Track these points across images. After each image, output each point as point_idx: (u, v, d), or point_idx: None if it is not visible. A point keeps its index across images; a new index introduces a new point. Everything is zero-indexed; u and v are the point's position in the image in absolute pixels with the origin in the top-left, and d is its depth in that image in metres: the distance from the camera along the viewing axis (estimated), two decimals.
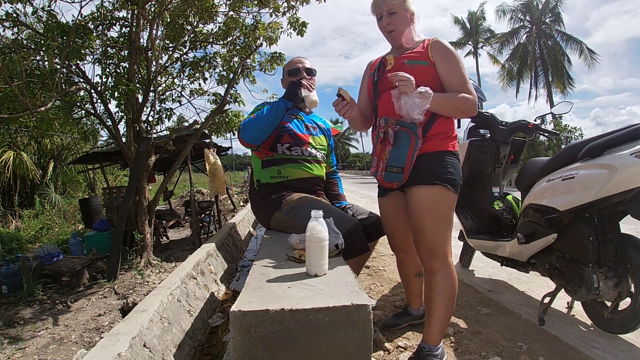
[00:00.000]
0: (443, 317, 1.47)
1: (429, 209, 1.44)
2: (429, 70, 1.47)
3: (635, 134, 1.48)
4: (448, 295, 1.46)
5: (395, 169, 1.43)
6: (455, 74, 1.46)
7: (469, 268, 2.97)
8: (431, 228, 1.45)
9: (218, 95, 4.76)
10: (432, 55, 1.47)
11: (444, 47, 1.48)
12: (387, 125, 1.45)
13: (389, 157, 1.44)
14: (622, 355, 1.62)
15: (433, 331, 1.48)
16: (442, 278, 1.46)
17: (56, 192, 8.67)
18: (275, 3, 3.95)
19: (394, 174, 1.45)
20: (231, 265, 3.33)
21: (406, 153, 1.41)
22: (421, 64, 1.47)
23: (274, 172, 1.98)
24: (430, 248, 1.46)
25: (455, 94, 1.43)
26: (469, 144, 2.49)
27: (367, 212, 2.02)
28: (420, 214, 1.46)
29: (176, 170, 5.13)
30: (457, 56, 1.48)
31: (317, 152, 2.08)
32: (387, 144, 1.44)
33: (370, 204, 2.42)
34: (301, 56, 2.15)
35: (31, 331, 2.39)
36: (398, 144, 1.41)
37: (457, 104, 1.43)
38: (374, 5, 1.54)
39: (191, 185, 5.95)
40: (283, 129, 2.00)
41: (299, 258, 1.32)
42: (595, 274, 1.63)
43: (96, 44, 3.50)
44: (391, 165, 1.44)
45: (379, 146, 1.48)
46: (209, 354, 1.86)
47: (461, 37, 26.55)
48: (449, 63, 1.46)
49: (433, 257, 1.47)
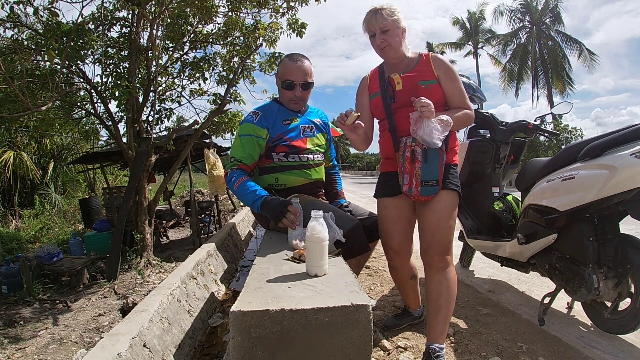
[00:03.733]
0: (449, 314, 1.54)
1: (447, 210, 1.58)
2: (438, 88, 1.60)
3: (635, 135, 1.48)
4: (454, 291, 1.56)
5: (431, 182, 1.53)
6: (456, 90, 1.61)
7: (469, 268, 2.97)
8: (446, 227, 1.57)
9: (218, 95, 4.77)
10: (437, 72, 1.60)
11: (445, 64, 1.62)
12: (414, 144, 1.52)
13: (422, 173, 1.52)
14: (622, 355, 1.62)
15: (440, 330, 1.51)
16: (451, 274, 1.57)
17: (56, 192, 8.68)
18: (274, 4, 3.95)
19: (430, 187, 1.54)
20: (231, 265, 3.33)
21: (437, 167, 1.52)
22: (432, 83, 1.59)
23: (271, 179, 1.90)
24: (443, 247, 1.57)
25: (459, 111, 1.58)
26: (469, 144, 2.49)
27: (367, 212, 2.01)
28: (440, 215, 1.57)
29: (176, 170, 5.13)
30: (455, 72, 1.63)
31: (316, 154, 1.98)
32: (417, 161, 1.52)
33: (370, 204, 2.41)
34: (301, 58, 1.87)
35: (31, 331, 2.39)
36: (429, 160, 1.51)
37: (462, 121, 1.60)
38: (367, 24, 1.61)
39: (191, 185, 5.95)
40: (277, 141, 1.87)
41: (299, 258, 1.32)
42: (595, 275, 1.63)
43: (97, 45, 3.50)
44: (426, 180, 1.53)
45: (408, 164, 1.54)
46: (209, 354, 1.86)
47: (461, 38, 26.54)
48: (452, 80, 1.60)
49: (445, 255, 1.57)
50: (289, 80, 1.85)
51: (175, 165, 4.44)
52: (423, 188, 1.53)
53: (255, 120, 1.84)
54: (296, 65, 1.85)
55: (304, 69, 1.85)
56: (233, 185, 1.75)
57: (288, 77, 1.85)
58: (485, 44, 25.90)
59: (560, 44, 21.77)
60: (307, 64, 1.87)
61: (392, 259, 1.78)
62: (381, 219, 1.77)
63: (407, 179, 1.55)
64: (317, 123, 2.03)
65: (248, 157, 1.81)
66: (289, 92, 1.88)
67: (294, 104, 1.91)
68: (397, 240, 1.71)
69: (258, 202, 1.64)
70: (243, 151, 1.81)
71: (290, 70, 1.85)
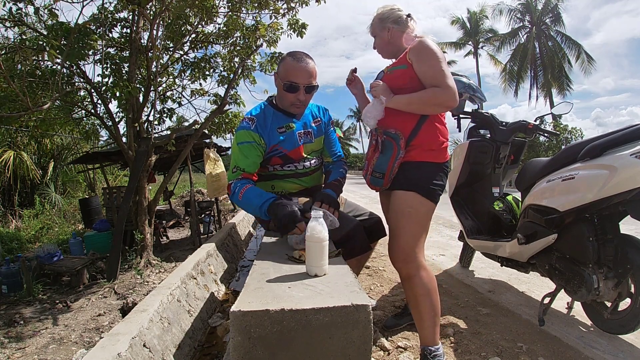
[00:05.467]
0: (433, 317, 1.49)
1: (404, 211, 1.52)
2: (406, 72, 1.52)
3: (635, 135, 1.48)
4: (430, 295, 1.49)
5: (378, 174, 1.56)
6: (428, 70, 1.47)
7: (469, 268, 2.97)
8: (405, 230, 1.51)
9: (218, 95, 4.77)
10: (409, 57, 1.52)
11: (420, 47, 1.49)
12: (377, 134, 1.58)
13: (376, 163, 1.56)
14: (622, 355, 1.62)
15: (428, 333, 1.49)
16: (420, 281, 1.49)
17: (56, 192, 8.68)
18: (275, 4, 3.95)
19: (377, 179, 1.58)
20: (231, 265, 3.33)
21: (388, 161, 1.53)
22: (399, 68, 1.57)
23: (267, 186, 1.85)
24: (404, 251, 1.51)
25: (423, 92, 1.47)
26: (469, 144, 2.48)
27: (368, 212, 2.01)
28: (396, 216, 1.54)
29: (176, 170, 5.13)
30: (432, 53, 1.47)
31: (313, 160, 1.89)
32: (377, 151, 1.56)
33: (370, 204, 2.41)
34: (306, 58, 1.71)
35: (31, 331, 2.39)
36: (384, 151, 1.54)
37: (424, 99, 1.46)
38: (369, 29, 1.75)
39: (191, 185, 5.95)
40: (272, 152, 1.78)
41: (299, 258, 1.32)
42: (595, 275, 1.62)
43: (97, 45, 3.51)
44: (375, 171, 1.57)
45: (371, 152, 1.61)
46: (209, 354, 1.86)
47: (461, 37, 26.52)
48: (423, 62, 1.48)
49: (408, 262, 1.50)
50: (292, 82, 1.67)
51: (175, 165, 4.44)
52: (372, 177, 1.59)
53: (252, 127, 1.72)
54: (301, 65, 1.67)
55: (309, 71, 1.69)
56: (237, 197, 1.64)
57: (291, 79, 1.67)
58: (485, 43, 25.88)
59: (560, 44, 21.78)
60: (312, 64, 1.71)
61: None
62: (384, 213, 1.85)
63: (366, 165, 1.63)
64: (314, 126, 1.88)
65: (251, 164, 1.71)
66: (291, 95, 1.71)
67: (295, 108, 1.76)
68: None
69: (265, 205, 1.55)
70: (245, 159, 1.70)
71: (293, 72, 1.67)
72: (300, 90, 1.69)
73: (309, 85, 1.70)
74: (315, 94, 1.80)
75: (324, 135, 1.95)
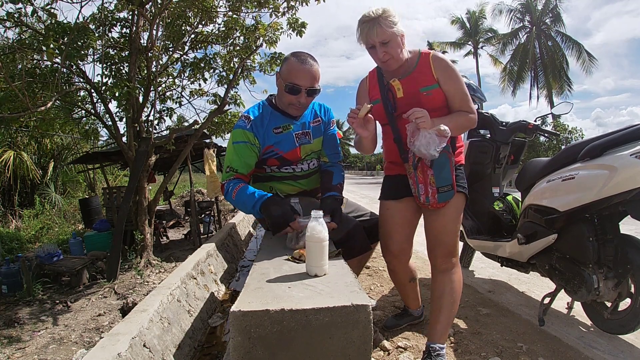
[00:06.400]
0: (451, 315, 1.55)
1: (453, 214, 1.58)
2: (440, 92, 1.53)
3: (635, 135, 1.48)
4: (458, 292, 1.58)
5: (446, 187, 1.49)
6: (457, 92, 1.53)
7: (469, 268, 2.97)
8: (453, 230, 1.59)
9: (218, 96, 4.77)
10: (437, 75, 1.52)
11: (445, 63, 1.53)
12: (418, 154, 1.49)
13: (435, 180, 1.48)
14: (622, 355, 1.62)
15: (440, 328, 1.52)
16: (456, 276, 1.59)
17: (56, 192, 8.68)
18: (274, 3, 3.95)
19: (447, 193, 1.49)
20: (231, 265, 3.33)
21: (449, 170, 1.49)
22: (433, 88, 1.52)
23: (265, 187, 1.81)
24: (450, 248, 1.59)
25: (460, 116, 1.53)
26: (469, 144, 2.49)
27: (368, 212, 2.01)
28: (446, 218, 1.58)
29: (176, 170, 5.13)
30: (456, 72, 1.54)
31: (312, 162, 1.86)
32: (427, 169, 1.47)
33: (370, 204, 2.41)
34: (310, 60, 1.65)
35: (31, 331, 2.39)
36: (439, 165, 1.46)
37: (463, 125, 1.55)
38: (364, 36, 1.48)
39: (191, 185, 5.95)
40: (267, 153, 1.74)
41: (299, 258, 1.33)
42: (595, 275, 1.63)
43: (97, 45, 3.50)
44: (442, 186, 1.48)
45: (419, 174, 1.49)
46: (209, 354, 1.86)
47: (461, 37, 26.50)
48: (453, 82, 1.52)
49: (451, 256, 1.59)
50: (294, 84, 1.63)
51: (175, 165, 4.44)
52: (440, 195, 1.48)
53: (248, 126, 1.69)
54: (304, 67, 1.62)
55: (313, 73, 1.64)
56: (231, 196, 1.61)
57: (293, 81, 1.63)
58: (485, 43, 25.88)
59: (560, 44, 21.78)
60: (315, 67, 1.65)
61: (390, 263, 1.77)
62: (383, 221, 1.74)
63: (423, 188, 1.50)
64: (313, 126, 1.83)
65: (244, 165, 1.68)
66: (292, 97, 1.67)
67: (294, 109, 1.73)
68: (398, 243, 1.69)
69: (258, 203, 1.53)
70: (238, 159, 1.67)
71: (297, 73, 1.63)
72: (302, 93, 1.66)
73: (311, 88, 1.66)
74: None
75: (325, 131, 1.90)
